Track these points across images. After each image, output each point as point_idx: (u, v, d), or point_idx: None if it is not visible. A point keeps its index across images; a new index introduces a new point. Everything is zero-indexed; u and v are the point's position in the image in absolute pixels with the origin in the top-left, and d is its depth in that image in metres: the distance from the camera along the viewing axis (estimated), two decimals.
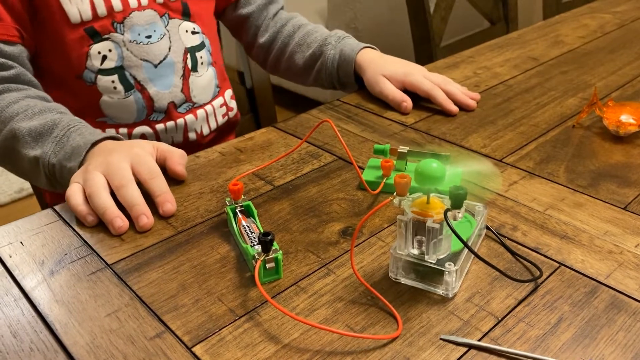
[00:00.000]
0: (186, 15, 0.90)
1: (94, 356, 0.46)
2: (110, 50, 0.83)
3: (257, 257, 0.52)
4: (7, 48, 0.78)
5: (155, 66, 0.86)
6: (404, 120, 0.83)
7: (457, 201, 0.49)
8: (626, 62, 1.03)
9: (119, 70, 0.84)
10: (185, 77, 0.90)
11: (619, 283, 0.53)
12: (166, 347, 0.47)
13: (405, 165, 0.68)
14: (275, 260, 0.53)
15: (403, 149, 0.68)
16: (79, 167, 0.66)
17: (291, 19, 1.03)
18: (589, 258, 0.56)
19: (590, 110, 0.80)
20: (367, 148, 0.75)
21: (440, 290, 0.51)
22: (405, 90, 0.88)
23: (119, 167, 0.63)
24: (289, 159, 0.73)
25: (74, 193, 0.62)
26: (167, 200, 0.63)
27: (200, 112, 0.93)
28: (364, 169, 0.69)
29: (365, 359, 0.45)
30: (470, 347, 0.46)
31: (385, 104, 0.87)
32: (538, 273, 0.53)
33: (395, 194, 0.58)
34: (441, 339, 0.47)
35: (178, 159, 0.68)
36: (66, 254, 0.57)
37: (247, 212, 0.60)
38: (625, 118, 0.76)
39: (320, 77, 0.97)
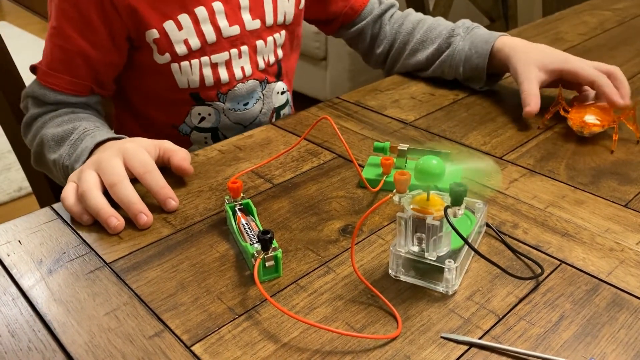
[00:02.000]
0: (279, 75, 0.92)
1: (93, 355, 0.46)
2: (209, 114, 0.87)
3: (256, 255, 0.51)
4: (77, 99, 0.80)
5: (245, 127, 0.90)
6: (404, 118, 0.82)
7: (457, 198, 0.49)
8: (626, 59, 1.02)
9: (214, 130, 0.89)
10: None
11: (620, 281, 0.53)
12: (165, 346, 0.47)
13: (405, 162, 0.68)
14: (275, 258, 0.52)
15: (403, 146, 0.67)
16: None
17: (407, 16, 0.98)
18: (590, 256, 0.56)
19: (554, 111, 0.79)
20: (367, 146, 0.75)
21: (440, 288, 0.51)
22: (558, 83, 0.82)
23: (110, 164, 0.62)
24: (288, 156, 0.73)
25: (68, 194, 0.61)
26: (168, 196, 0.62)
27: None
28: (363, 167, 0.68)
29: (366, 358, 0.45)
30: (471, 345, 0.46)
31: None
32: (539, 271, 0.53)
33: (395, 191, 0.58)
34: (442, 337, 0.47)
35: (183, 155, 0.67)
36: (64, 253, 0.57)
37: (246, 210, 0.59)
38: (589, 119, 0.75)
39: (443, 70, 0.91)
